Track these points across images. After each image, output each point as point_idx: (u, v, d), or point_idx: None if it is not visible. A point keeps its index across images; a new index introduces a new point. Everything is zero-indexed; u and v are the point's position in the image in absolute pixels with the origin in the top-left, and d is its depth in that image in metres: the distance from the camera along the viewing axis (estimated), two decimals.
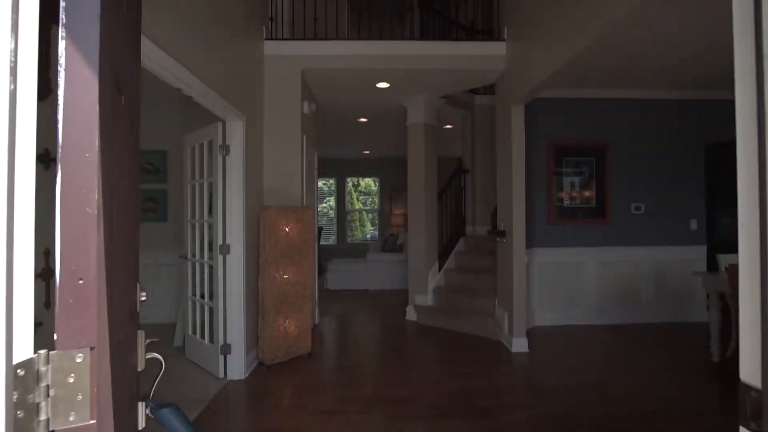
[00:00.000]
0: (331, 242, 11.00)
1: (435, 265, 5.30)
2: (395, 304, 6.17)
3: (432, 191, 5.24)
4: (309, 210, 3.91)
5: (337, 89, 4.84)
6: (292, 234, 3.76)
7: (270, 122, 4.08)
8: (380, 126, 6.85)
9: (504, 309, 4.32)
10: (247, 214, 3.54)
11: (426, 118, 5.15)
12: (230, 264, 3.40)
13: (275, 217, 3.65)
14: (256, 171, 3.83)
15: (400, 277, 7.38)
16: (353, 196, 11.31)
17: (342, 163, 10.98)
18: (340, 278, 7.36)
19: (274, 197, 4.11)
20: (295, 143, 4.10)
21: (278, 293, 3.67)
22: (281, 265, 3.69)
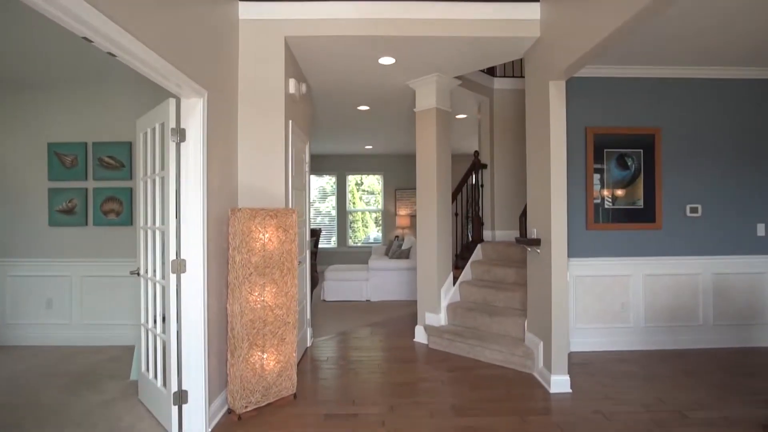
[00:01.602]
0: (331, 244, 10.20)
1: (449, 278, 4.47)
2: (401, 320, 5.34)
3: (445, 190, 4.41)
4: (292, 213, 3.09)
5: (331, 67, 4.02)
6: (271, 244, 2.95)
7: (246, 102, 3.27)
8: (384, 115, 6.02)
9: (537, 336, 3.48)
10: (211, 219, 2.73)
11: (438, 102, 4.31)
12: (186, 285, 2.59)
13: (248, 222, 2.84)
14: (225, 163, 3.01)
15: (407, 286, 6.55)
16: (355, 195, 10.49)
17: (342, 159, 10.17)
18: (338, 288, 6.55)
19: (250, 198, 3.29)
20: (277, 129, 3.28)
21: (252, 320, 2.86)
22: (256, 284, 2.87)
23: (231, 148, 3.11)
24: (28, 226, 4.51)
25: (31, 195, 4.51)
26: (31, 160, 4.50)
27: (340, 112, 5.79)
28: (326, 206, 10.31)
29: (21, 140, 4.51)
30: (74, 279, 4.49)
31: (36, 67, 4.00)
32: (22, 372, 3.67)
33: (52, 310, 4.50)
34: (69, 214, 4.47)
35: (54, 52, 3.65)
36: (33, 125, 4.50)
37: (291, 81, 3.45)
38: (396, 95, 4.95)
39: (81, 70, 4.08)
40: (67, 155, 4.47)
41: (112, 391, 3.28)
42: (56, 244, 4.50)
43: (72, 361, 3.91)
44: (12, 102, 4.51)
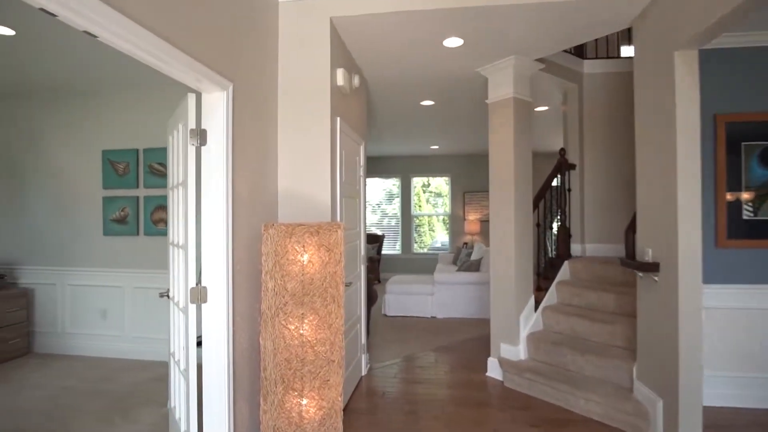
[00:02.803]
0: (396, 250, 9.67)
1: (529, 302, 3.71)
2: (471, 345, 4.64)
3: (525, 194, 3.66)
4: (337, 228, 2.56)
5: (387, 54, 3.45)
6: (312, 266, 2.44)
7: (286, 96, 2.80)
8: (451, 111, 5.35)
9: (653, 389, 2.65)
10: (238, 237, 2.28)
11: (516, 90, 3.58)
12: (208, 317, 2.16)
13: (283, 240, 2.35)
14: (259, 169, 2.55)
15: (476, 303, 5.82)
16: (421, 198, 9.88)
17: (406, 160, 9.60)
18: (401, 302, 5.97)
19: (292, 210, 2.82)
20: (321, 128, 2.78)
21: (288, 359, 2.37)
22: (293, 315, 2.38)
23: (267, 151, 2.65)
24: (84, 235, 4.44)
25: (88, 203, 4.44)
26: (87, 168, 4.44)
27: (401, 108, 5.22)
28: (392, 208, 9.82)
29: (77, 148, 4.46)
30: (126, 290, 4.35)
31: (88, 75, 3.87)
32: (67, 389, 3.51)
33: (107, 321, 4.39)
34: (121, 223, 4.34)
35: (103, 59, 3.45)
36: (87, 133, 4.43)
37: (339, 71, 2.93)
38: (464, 85, 4.27)
39: (131, 74, 3.89)
40: (119, 163, 4.34)
41: (146, 420, 2.98)
42: (110, 254, 4.39)
43: (116, 379, 3.72)
44: (67, 110, 4.48)
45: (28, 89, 4.36)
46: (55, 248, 4.51)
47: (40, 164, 4.54)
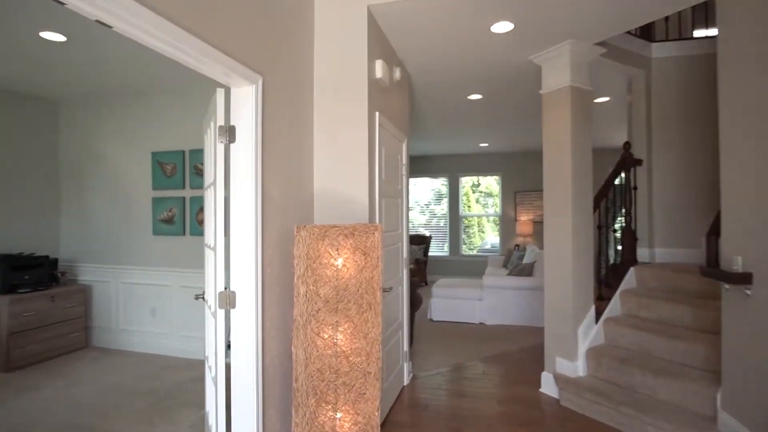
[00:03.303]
0: (443, 252, 9.38)
1: (589, 313, 3.35)
2: (523, 356, 4.31)
3: (584, 193, 3.31)
4: (374, 230, 2.38)
5: (430, 44, 3.23)
6: (346, 271, 2.28)
7: (321, 90, 2.66)
8: (500, 105, 5.03)
9: (745, 424, 2.24)
10: (269, 239, 2.16)
11: (574, 79, 3.24)
12: (236, 323, 2.05)
13: (315, 243, 2.20)
14: (292, 167, 2.43)
15: (529, 309, 5.44)
16: (470, 198, 9.53)
17: (454, 159, 9.29)
18: (447, 307, 5.71)
19: (328, 210, 2.68)
20: (358, 123, 2.61)
21: (321, 370, 2.22)
22: (326, 323, 2.23)
23: (302, 148, 2.52)
24: (136, 235, 4.58)
25: (139, 204, 4.57)
26: (138, 170, 4.57)
27: (447, 104, 4.97)
28: (441, 208, 9.54)
29: (129, 151, 4.60)
30: (174, 289, 4.43)
31: (136, 79, 3.96)
32: (116, 385, 3.59)
33: (156, 319, 4.50)
34: (169, 223, 4.42)
35: (149, 63, 3.50)
36: (138, 135, 4.56)
37: (378, 63, 2.75)
38: (515, 76, 3.96)
39: (176, 77, 3.93)
40: (167, 164, 4.42)
41: (184, 423, 2.95)
42: (159, 253, 4.49)
43: (161, 377, 3.76)
44: (119, 114, 4.63)
45: (85, 95, 4.56)
46: (110, 247, 4.69)
47: (98, 167, 4.73)
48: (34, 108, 4.65)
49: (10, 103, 4.42)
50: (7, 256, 4.08)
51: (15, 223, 4.48)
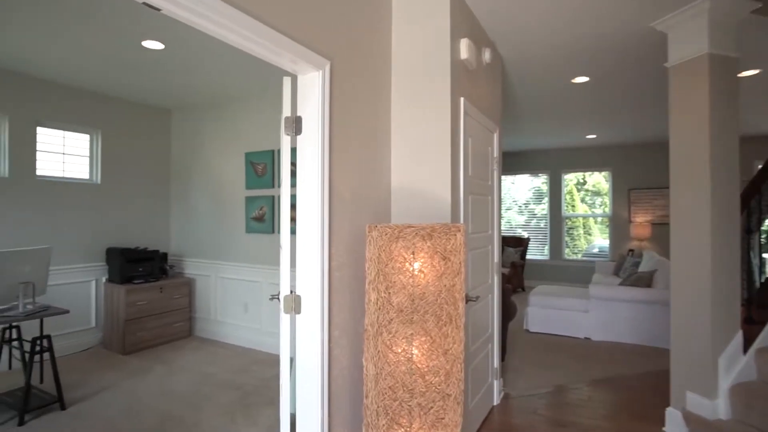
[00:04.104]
0: (543, 255, 8.62)
1: (735, 339, 2.65)
2: (640, 383, 3.65)
3: (726, 190, 2.63)
4: (456, 231, 2.07)
5: (524, 17, 2.82)
6: (423, 277, 2.01)
7: (398, 74, 2.42)
8: (612, 87, 4.35)
9: None
10: (337, 239, 1.97)
11: (713, 45, 2.59)
12: (302, 331, 1.90)
13: (388, 245, 1.97)
14: (365, 161, 2.22)
15: (647, 326, 4.66)
16: (575, 196, 8.63)
17: (556, 153, 8.47)
18: (547, 317, 5.14)
19: (407, 208, 2.43)
20: (439, 110, 2.32)
21: (393, 387, 1.98)
22: (399, 336, 1.98)
23: (377, 140, 2.31)
24: (232, 232, 4.79)
25: (234, 203, 4.77)
26: (234, 170, 4.77)
27: (547, 89, 4.43)
28: (542, 208, 8.79)
29: (226, 152, 4.83)
30: (263, 285, 4.54)
31: (229, 83, 4.11)
32: (209, 376, 3.74)
33: (248, 314, 4.65)
34: (260, 221, 4.54)
35: (241, 66, 3.59)
36: (234, 137, 4.76)
37: (463, 42, 2.43)
38: (631, 49, 3.34)
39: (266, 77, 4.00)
40: (258, 164, 4.55)
41: (263, 423, 2.93)
42: (250, 251, 4.64)
43: (250, 372, 3.84)
44: (219, 117, 4.88)
45: (190, 103, 4.89)
46: (210, 243, 4.97)
47: (200, 168, 5.06)
48: (150, 116, 5.11)
49: (131, 113, 4.90)
50: (125, 250, 4.51)
51: (133, 220, 4.96)
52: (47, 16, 2.81)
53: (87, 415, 3.03)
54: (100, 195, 4.64)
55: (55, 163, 4.36)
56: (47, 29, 3.01)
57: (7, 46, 3.33)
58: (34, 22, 2.90)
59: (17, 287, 3.00)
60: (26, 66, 3.79)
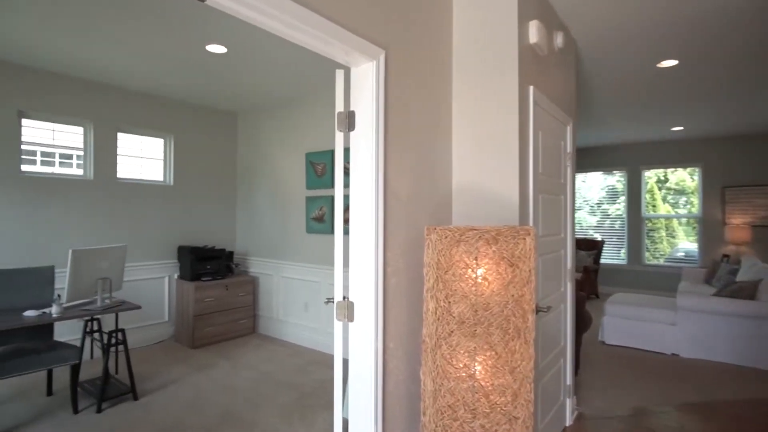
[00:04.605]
0: (619, 259, 7.93)
1: None
2: (746, 410, 3.15)
3: None
4: (525, 235, 1.85)
5: None
6: (487, 285, 1.81)
7: (459, 62, 2.24)
8: (705, 71, 3.83)
9: None
10: (393, 242, 1.84)
11: None
12: (354, 340, 1.79)
13: (448, 249, 1.80)
14: (424, 158, 2.06)
15: (748, 344, 4.06)
16: (656, 195, 7.85)
17: (634, 148, 7.75)
18: (626, 329, 4.66)
19: (469, 209, 2.24)
20: (505, 100, 2.11)
21: (452, 406, 1.80)
22: (461, 349, 1.80)
23: (436, 135, 2.14)
24: (293, 232, 4.84)
25: (295, 203, 4.81)
26: (295, 171, 4.81)
27: (628, 76, 3.99)
28: (616, 208, 8.11)
29: (287, 152, 4.89)
30: (323, 286, 4.53)
31: (289, 84, 4.14)
32: (269, 375, 3.77)
33: (308, 313, 4.67)
34: (320, 221, 4.54)
35: (301, 67, 3.59)
36: (295, 138, 4.80)
37: (532, 24, 2.20)
38: (732, 22, 2.88)
39: (327, 77, 3.98)
40: (318, 164, 4.54)
41: (319, 426, 2.87)
42: (311, 251, 4.65)
43: (308, 373, 3.83)
44: (280, 119, 4.95)
45: (254, 106, 5.01)
46: (272, 242, 5.06)
47: (264, 169, 5.17)
48: (218, 119, 5.31)
49: (200, 117, 5.12)
50: (194, 248, 4.71)
51: (202, 219, 5.18)
52: (122, 26, 2.95)
53: (156, 407, 3.15)
54: (172, 196, 4.89)
55: (132, 167, 4.65)
56: (121, 37, 3.17)
57: (93, 58, 3.57)
58: (111, 33, 3.07)
59: (96, 283, 3.19)
60: (108, 76, 4.06)
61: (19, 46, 3.34)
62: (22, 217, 3.81)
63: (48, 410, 3.10)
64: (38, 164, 4.02)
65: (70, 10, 2.72)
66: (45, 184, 3.95)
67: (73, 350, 3.07)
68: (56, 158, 4.15)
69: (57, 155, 4.15)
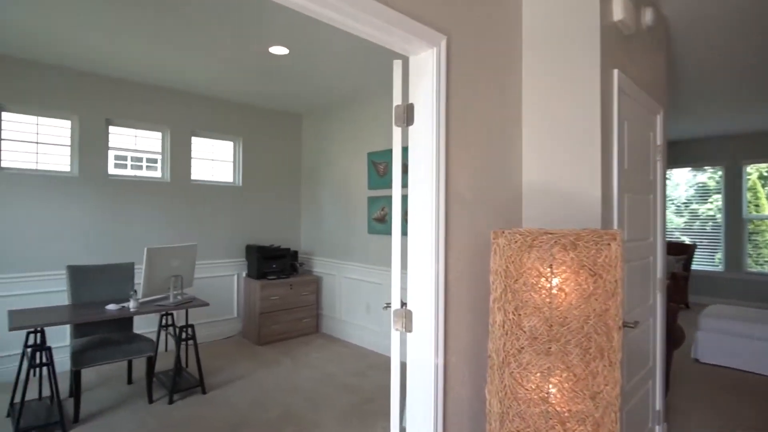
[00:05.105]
0: (714, 266, 7.07)
1: None
2: None
3: None
4: (611, 239, 1.61)
5: None
6: (564, 297, 1.60)
7: (532, 47, 2.02)
8: None
9: None
10: (455, 246, 1.68)
11: None
12: (412, 352, 1.65)
13: (518, 255, 1.61)
14: (487, 154, 1.87)
15: None
16: (759, 194, 6.89)
17: (734, 140, 6.85)
18: (725, 346, 4.08)
19: (540, 208, 2.02)
20: (586, 86, 1.86)
21: (524, 431, 1.61)
22: (533, 368, 1.60)
23: (504, 128, 1.95)
24: (355, 232, 4.81)
25: (358, 203, 4.78)
26: (357, 171, 4.78)
27: (729, 57, 3.47)
28: (707, 208, 7.24)
29: (350, 152, 4.86)
30: (385, 288, 4.44)
31: (350, 84, 4.09)
32: (330, 376, 3.75)
33: (370, 315, 4.61)
34: (381, 222, 4.46)
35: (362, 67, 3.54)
36: (357, 137, 4.76)
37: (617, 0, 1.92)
38: None
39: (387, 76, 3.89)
40: (380, 163, 4.46)
41: None
42: (372, 252, 4.59)
43: (369, 376, 3.76)
44: (343, 119, 4.94)
45: (317, 107, 5.05)
46: (335, 243, 5.07)
47: (327, 169, 5.20)
48: (284, 121, 5.43)
49: (267, 119, 5.26)
50: (260, 248, 4.83)
51: (268, 219, 5.32)
52: (192, 34, 3.05)
53: (222, 402, 3.24)
54: (241, 196, 5.06)
55: (205, 169, 4.87)
56: (191, 44, 3.29)
57: (167, 67, 3.77)
58: (182, 41, 3.19)
59: (169, 279, 3.34)
60: (182, 83, 4.27)
61: (102, 58, 3.59)
62: (108, 217, 4.12)
63: (127, 398, 3.29)
64: (129, 168, 4.34)
65: (146, 22, 2.86)
66: (128, 186, 4.24)
67: (149, 343, 3.23)
68: (146, 163, 4.45)
69: (144, 159, 4.44)
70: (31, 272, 3.68)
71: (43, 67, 3.74)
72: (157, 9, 2.70)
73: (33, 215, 3.71)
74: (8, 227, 3.59)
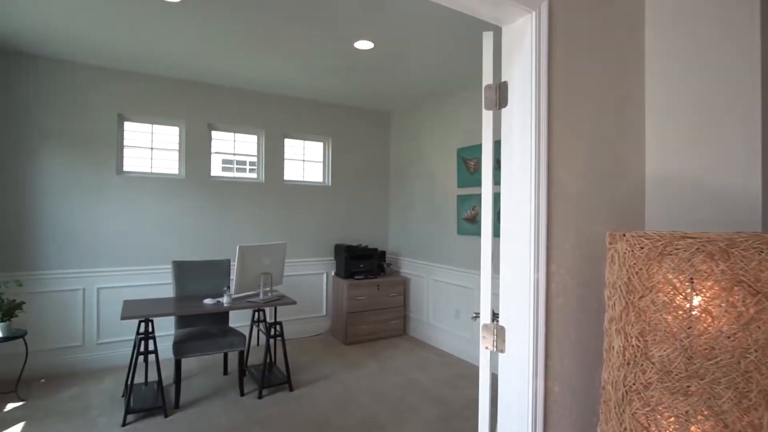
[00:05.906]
0: None
1: None
2: None
3: None
4: None
5: None
6: (710, 321, 1.21)
7: (657, 8, 1.62)
8: None
9: None
10: (559, 252, 1.38)
11: None
12: (504, 376, 1.39)
13: (644, 264, 1.26)
14: (599, 140, 1.53)
15: None
16: None
17: None
18: None
19: (668, 206, 1.62)
20: (738, 48, 1.43)
21: None
22: (666, 408, 1.25)
23: (622, 109, 1.58)
24: (443, 233, 4.57)
25: (446, 202, 4.54)
26: (446, 168, 4.54)
27: None
28: None
29: (439, 149, 4.64)
30: (475, 293, 4.15)
31: (438, 78, 3.87)
32: (416, 383, 3.57)
33: (459, 321, 4.35)
34: (472, 222, 4.17)
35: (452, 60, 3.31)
36: (446, 133, 4.52)
37: None
38: None
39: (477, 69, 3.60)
40: (470, 159, 4.18)
41: None
42: (462, 254, 4.32)
43: (458, 387, 3.51)
44: (431, 115, 4.73)
45: (405, 103, 4.90)
46: (423, 243, 4.89)
47: (415, 167, 5.03)
48: (372, 120, 5.39)
49: (356, 119, 5.26)
50: (348, 247, 4.82)
51: (356, 219, 5.30)
52: (279, 35, 3.08)
53: (307, 401, 3.23)
54: (330, 196, 5.11)
55: (296, 170, 5.00)
56: (278, 47, 3.33)
57: (259, 70, 3.89)
58: (271, 44, 3.25)
59: (260, 277, 3.43)
60: (274, 86, 4.41)
61: (204, 67, 3.81)
62: (209, 216, 4.39)
63: (221, 388, 3.44)
64: (234, 171, 4.61)
65: (236, 28, 2.94)
66: (228, 187, 4.49)
67: (241, 338, 3.34)
68: (247, 165, 4.70)
69: (247, 162, 4.69)
70: (143, 266, 4.05)
71: (157, 79, 4.09)
72: (246, 13, 2.75)
73: (146, 214, 4.07)
74: (126, 225, 3.98)
